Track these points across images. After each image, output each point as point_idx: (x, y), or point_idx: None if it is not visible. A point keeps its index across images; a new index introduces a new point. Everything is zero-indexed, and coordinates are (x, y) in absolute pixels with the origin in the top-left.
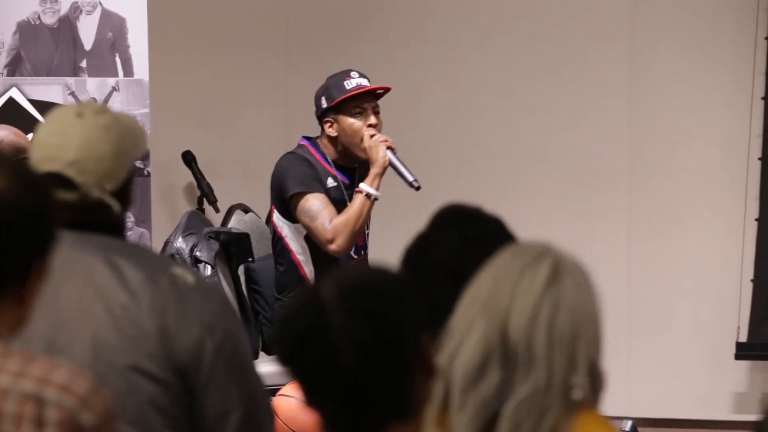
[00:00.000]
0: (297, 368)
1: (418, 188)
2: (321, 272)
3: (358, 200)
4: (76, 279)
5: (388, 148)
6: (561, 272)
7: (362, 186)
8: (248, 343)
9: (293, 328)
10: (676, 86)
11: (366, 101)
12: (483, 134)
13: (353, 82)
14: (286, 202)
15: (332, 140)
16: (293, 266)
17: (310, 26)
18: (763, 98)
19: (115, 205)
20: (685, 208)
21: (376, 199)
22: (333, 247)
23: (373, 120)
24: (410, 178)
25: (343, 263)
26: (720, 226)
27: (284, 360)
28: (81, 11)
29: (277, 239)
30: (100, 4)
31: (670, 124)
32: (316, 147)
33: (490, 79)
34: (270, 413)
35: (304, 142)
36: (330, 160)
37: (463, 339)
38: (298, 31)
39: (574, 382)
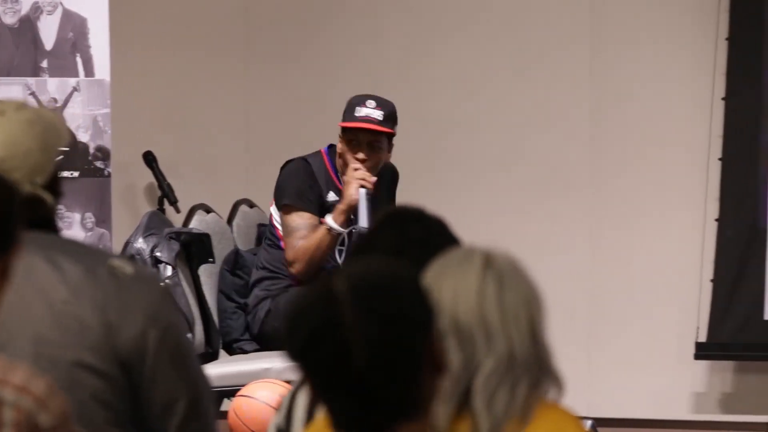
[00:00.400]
0: (308, 364)
1: (337, 232)
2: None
3: (320, 231)
4: (15, 278)
5: (363, 186)
6: (493, 258)
7: (327, 218)
8: (187, 332)
9: (305, 324)
10: (638, 87)
11: (362, 134)
12: (444, 133)
13: (362, 112)
14: (278, 206)
15: (340, 154)
16: (281, 248)
17: (270, 27)
18: (723, 99)
19: (48, 198)
20: (645, 208)
21: (339, 233)
22: (292, 269)
23: (360, 155)
24: (363, 224)
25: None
26: (680, 227)
27: (294, 355)
28: (42, 11)
29: (270, 228)
30: (61, 4)
31: (631, 124)
32: (331, 157)
33: (451, 77)
34: (214, 403)
35: (323, 151)
36: (339, 173)
37: None
38: (259, 32)
39: (546, 363)
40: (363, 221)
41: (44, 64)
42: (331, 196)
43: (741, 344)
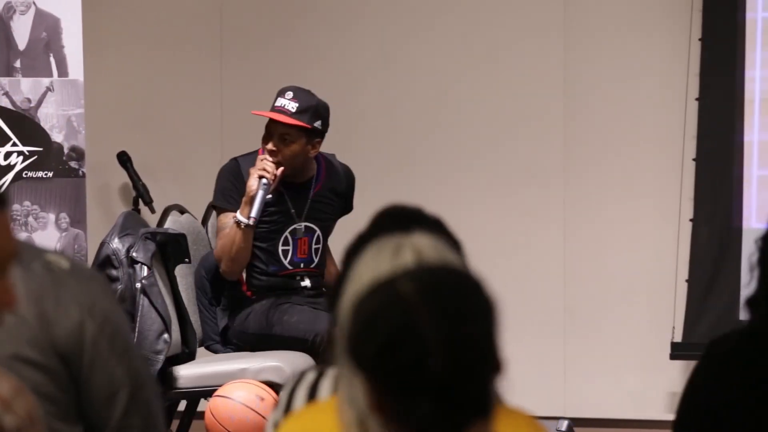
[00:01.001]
0: (383, 373)
1: (246, 225)
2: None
3: (232, 227)
4: None
5: (261, 177)
6: (424, 255)
7: (237, 214)
8: (128, 324)
9: (378, 332)
10: (612, 87)
11: (271, 124)
12: (417, 130)
13: (278, 102)
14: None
15: None
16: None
17: (245, 28)
18: (697, 99)
19: None
20: (620, 209)
21: (248, 225)
22: (221, 268)
23: (269, 146)
24: (252, 214)
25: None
26: (655, 227)
27: (369, 365)
28: (14, 11)
29: None
30: (34, 3)
31: (605, 124)
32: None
33: (423, 73)
34: (157, 392)
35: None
36: None
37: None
38: (234, 32)
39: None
40: (254, 212)
41: (17, 64)
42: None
43: None
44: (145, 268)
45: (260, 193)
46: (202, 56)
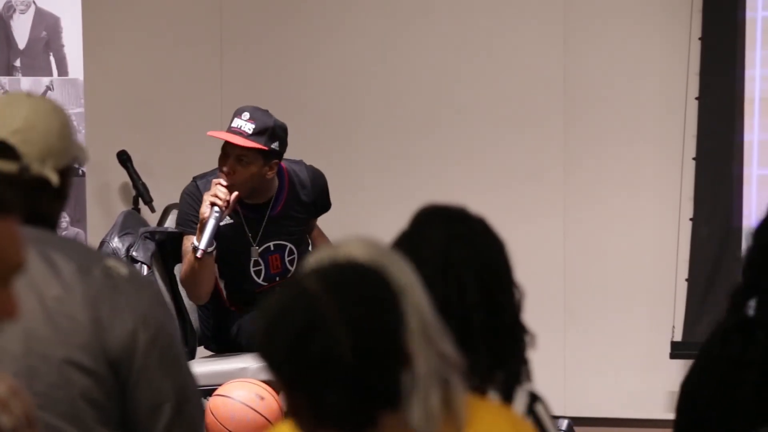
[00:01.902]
0: (293, 367)
1: (195, 253)
2: (234, 284)
3: (189, 254)
4: None
5: (213, 204)
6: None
7: (193, 240)
8: (180, 337)
9: (287, 328)
10: (611, 85)
11: (231, 147)
12: (415, 126)
13: (234, 123)
14: None
15: None
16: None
17: (246, 27)
18: (697, 98)
19: (54, 179)
20: (620, 207)
21: (205, 252)
22: (188, 295)
23: (225, 168)
24: (200, 245)
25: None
26: (655, 226)
27: (278, 361)
28: (14, 10)
29: None
30: (34, 3)
31: (605, 123)
32: None
33: (422, 69)
34: (201, 407)
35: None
36: None
37: None
38: (234, 31)
39: (447, 357)
40: (203, 243)
41: (17, 63)
42: (226, 219)
43: None
44: (145, 267)
45: (211, 221)
46: (202, 55)
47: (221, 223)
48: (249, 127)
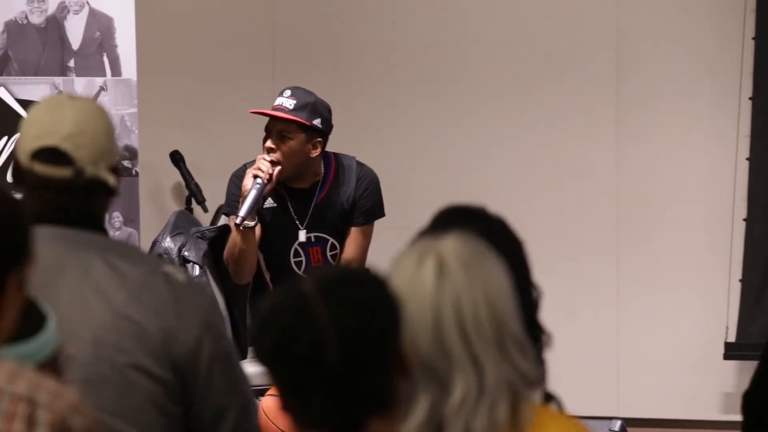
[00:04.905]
0: (281, 365)
1: (237, 226)
2: (276, 277)
3: (234, 230)
4: (73, 276)
5: (255, 176)
6: (447, 263)
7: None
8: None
9: (276, 325)
10: (664, 87)
11: (271, 122)
12: (466, 140)
13: (276, 101)
14: None
15: None
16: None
17: (298, 27)
18: (750, 98)
19: (111, 180)
20: (673, 209)
21: (244, 220)
22: (229, 271)
23: (268, 143)
24: (241, 213)
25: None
26: (708, 227)
27: (267, 358)
28: (68, 11)
29: None
30: (88, 3)
31: (658, 124)
32: None
33: (475, 89)
34: (257, 409)
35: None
36: None
37: None
38: (286, 29)
39: (520, 370)
40: (242, 211)
41: (71, 63)
42: (269, 202)
43: None
44: (197, 267)
45: (252, 192)
46: (255, 55)
47: (266, 206)
48: (290, 103)
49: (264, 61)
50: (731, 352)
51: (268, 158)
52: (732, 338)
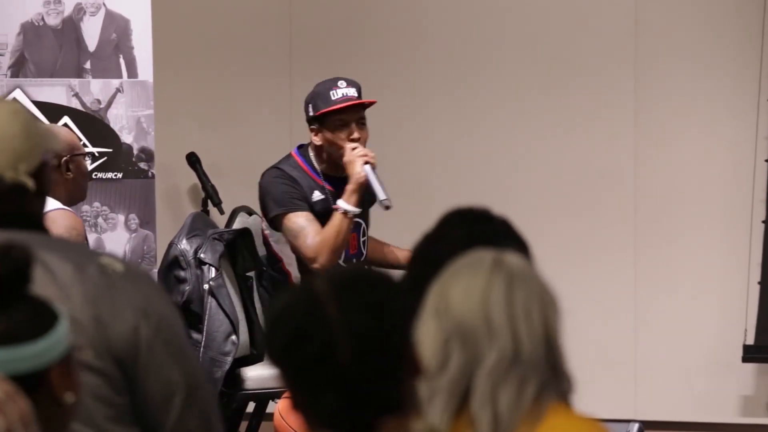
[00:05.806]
0: (292, 365)
1: (387, 207)
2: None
3: (336, 218)
4: None
5: (367, 163)
6: (504, 260)
7: (339, 203)
8: (184, 326)
9: (288, 324)
10: (682, 89)
11: (349, 114)
12: (484, 141)
13: (339, 93)
14: (269, 220)
15: (318, 149)
16: (282, 273)
17: (315, 26)
18: None
19: (30, 184)
20: (692, 210)
21: (354, 215)
22: (316, 265)
23: (355, 134)
24: (381, 197)
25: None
26: (727, 229)
27: (278, 357)
28: (85, 12)
29: (267, 246)
30: (104, 5)
31: (676, 126)
32: (305, 157)
33: (493, 90)
34: (213, 393)
35: (294, 153)
36: (318, 170)
37: (422, 338)
38: (303, 31)
39: (553, 360)
40: (381, 194)
41: (87, 65)
42: (316, 195)
43: None
44: (213, 269)
45: (374, 177)
46: (272, 57)
47: (314, 198)
48: (353, 92)
49: (281, 62)
50: (750, 354)
51: (355, 146)
52: (750, 341)
